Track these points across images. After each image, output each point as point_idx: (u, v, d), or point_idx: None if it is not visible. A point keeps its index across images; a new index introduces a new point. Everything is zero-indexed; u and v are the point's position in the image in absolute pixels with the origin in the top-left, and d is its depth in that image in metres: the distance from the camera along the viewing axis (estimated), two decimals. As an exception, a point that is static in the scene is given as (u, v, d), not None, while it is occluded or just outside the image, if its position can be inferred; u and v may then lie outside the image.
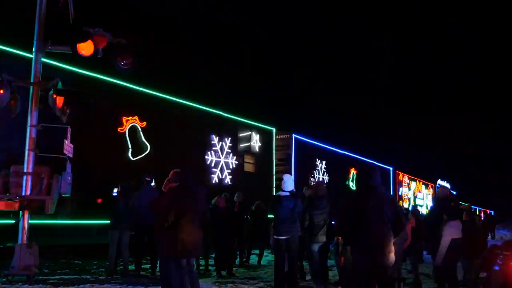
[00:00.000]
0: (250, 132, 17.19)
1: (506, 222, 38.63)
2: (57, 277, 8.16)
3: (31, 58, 8.15)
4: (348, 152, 24.65)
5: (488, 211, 52.05)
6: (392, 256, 5.15)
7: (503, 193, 71.22)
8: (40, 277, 7.86)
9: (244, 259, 11.52)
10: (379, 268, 5.06)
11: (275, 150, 18.77)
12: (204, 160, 15.06)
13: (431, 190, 39.95)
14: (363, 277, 5.06)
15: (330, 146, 23.01)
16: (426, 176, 39.83)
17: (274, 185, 17.91)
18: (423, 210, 31.01)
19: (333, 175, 22.16)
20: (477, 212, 39.79)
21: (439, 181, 41.61)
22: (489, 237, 22.14)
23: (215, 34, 61.60)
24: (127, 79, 12.17)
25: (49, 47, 8.15)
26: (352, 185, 23.58)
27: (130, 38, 8.17)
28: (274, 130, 18.76)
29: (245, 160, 16.98)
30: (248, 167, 17.23)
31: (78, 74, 10.99)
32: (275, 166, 18.67)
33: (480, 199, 53.76)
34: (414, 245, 8.35)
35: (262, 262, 11.52)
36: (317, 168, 21.28)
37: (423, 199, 36.77)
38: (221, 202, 9.89)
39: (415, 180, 35.60)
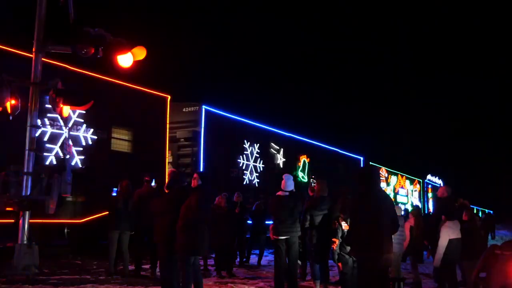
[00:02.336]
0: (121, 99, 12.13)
1: (506, 222, 38.49)
2: (57, 277, 8.16)
3: (31, 58, 8.14)
4: (298, 135, 19.60)
5: (487, 210, 51.26)
6: (392, 257, 5.19)
7: (502, 192, 67.73)
8: (40, 277, 7.86)
9: (244, 259, 11.53)
10: (382, 268, 5.10)
11: (172, 127, 13.53)
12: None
13: (417, 186, 36.48)
14: (368, 277, 5.07)
15: (269, 127, 17.74)
16: (413, 171, 36.21)
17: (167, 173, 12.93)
18: (407, 207, 27.53)
19: (272, 163, 17.51)
20: (474, 211, 38.53)
21: (429, 177, 39.28)
22: (489, 237, 22.13)
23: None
24: None
25: (49, 47, 8.15)
26: (303, 175, 19.20)
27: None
28: (168, 98, 13.31)
29: (114, 135, 11.88)
30: (120, 145, 12.05)
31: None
32: (178, 148, 14.12)
33: (477, 198, 50.88)
34: (414, 245, 8.36)
35: (262, 262, 11.53)
36: (245, 152, 15.97)
37: (406, 196, 33.13)
38: (221, 202, 9.88)
39: (395, 174, 31.55)
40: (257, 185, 16.35)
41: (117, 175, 10.06)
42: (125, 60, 7.84)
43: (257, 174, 16.50)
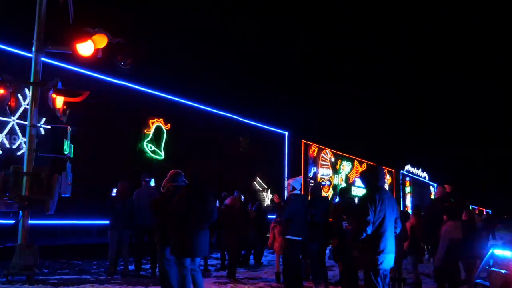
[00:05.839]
0: None
1: (506, 222, 38.38)
2: (57, 277, 8.16)
3: (31, 58, 8.14)
4: (147, 88, 13.45)
5: (485, 210, 50.51)
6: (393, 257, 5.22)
7: (501, 190, 64.10)
8: (40, 277, 7.86)
9: (241, 259, 11.50)
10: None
11: None
12: None
13: (388, 178, 29.26)
14: (376, 276, 5.08)
15: (59, 62, 10.63)
16: (386, 159, 30.26)
17: None
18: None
19: (93, 129, 11.52)
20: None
21: (407, 167, 33.32)
22: (489, 237, 22.10)
23: None
24: None
25: (49, 47, 8.15)
26: (154, 148, 13.55)
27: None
28: None
29: None
30: None
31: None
32: None
33: (473, 196, 45.22)
34: (414, 245, 8.36)
35: (262, 262, 11.52)
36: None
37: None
38: (235, 202, 9.66)
39: (351, 160, 25.07)
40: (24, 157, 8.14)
41: None
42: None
43: (25, 140, 8.20)
